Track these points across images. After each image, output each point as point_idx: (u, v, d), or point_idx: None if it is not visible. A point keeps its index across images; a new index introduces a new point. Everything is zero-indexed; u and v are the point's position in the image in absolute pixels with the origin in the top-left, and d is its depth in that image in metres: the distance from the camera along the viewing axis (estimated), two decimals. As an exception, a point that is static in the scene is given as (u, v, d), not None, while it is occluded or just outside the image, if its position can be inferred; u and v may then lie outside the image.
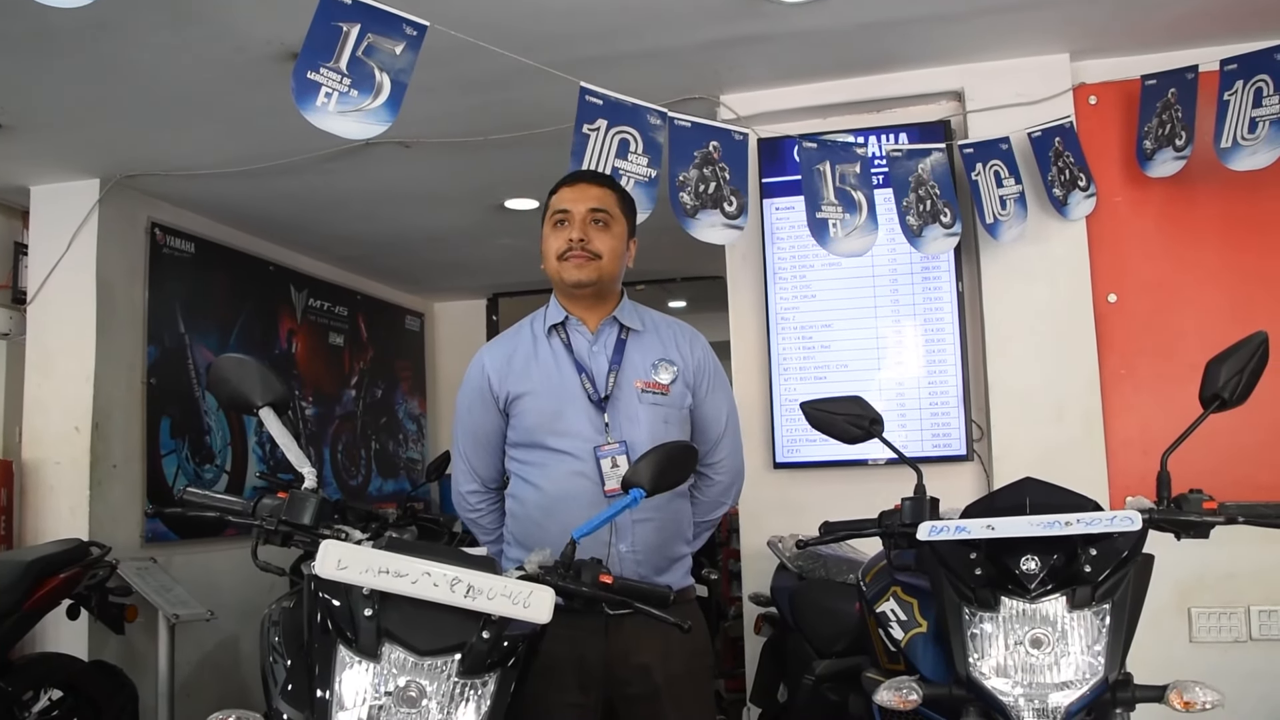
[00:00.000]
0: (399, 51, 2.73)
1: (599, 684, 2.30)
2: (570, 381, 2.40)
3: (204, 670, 5.02)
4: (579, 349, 2.43)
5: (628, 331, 2.46)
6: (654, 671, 2.31)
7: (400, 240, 5.97)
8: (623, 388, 2.39)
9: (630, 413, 2.38)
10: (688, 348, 2.49)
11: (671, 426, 2.40)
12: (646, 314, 2.54)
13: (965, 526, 1.90)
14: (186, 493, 1.92)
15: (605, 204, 2.43)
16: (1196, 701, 1.83)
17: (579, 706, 2.29)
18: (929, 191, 3.52)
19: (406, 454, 7.22)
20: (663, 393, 2.41)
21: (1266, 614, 3.40)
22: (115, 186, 4.64)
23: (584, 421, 2.37)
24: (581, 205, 2.41)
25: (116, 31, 3.24)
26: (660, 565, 2.39)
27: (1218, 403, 1.97)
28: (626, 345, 2.44)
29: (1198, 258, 3.60)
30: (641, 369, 2.42)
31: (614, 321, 2.46)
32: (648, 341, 2.47)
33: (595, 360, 2.42)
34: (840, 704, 2.69)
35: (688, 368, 2.46)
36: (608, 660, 2.30)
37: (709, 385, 2.50)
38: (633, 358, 2.43)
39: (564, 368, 2.42)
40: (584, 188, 2.45)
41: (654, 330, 2.50)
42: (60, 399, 4.57)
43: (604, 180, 2.55)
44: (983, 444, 3.65)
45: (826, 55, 3.61)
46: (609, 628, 2.29)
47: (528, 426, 2.41)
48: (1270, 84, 3.29)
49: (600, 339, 2.44)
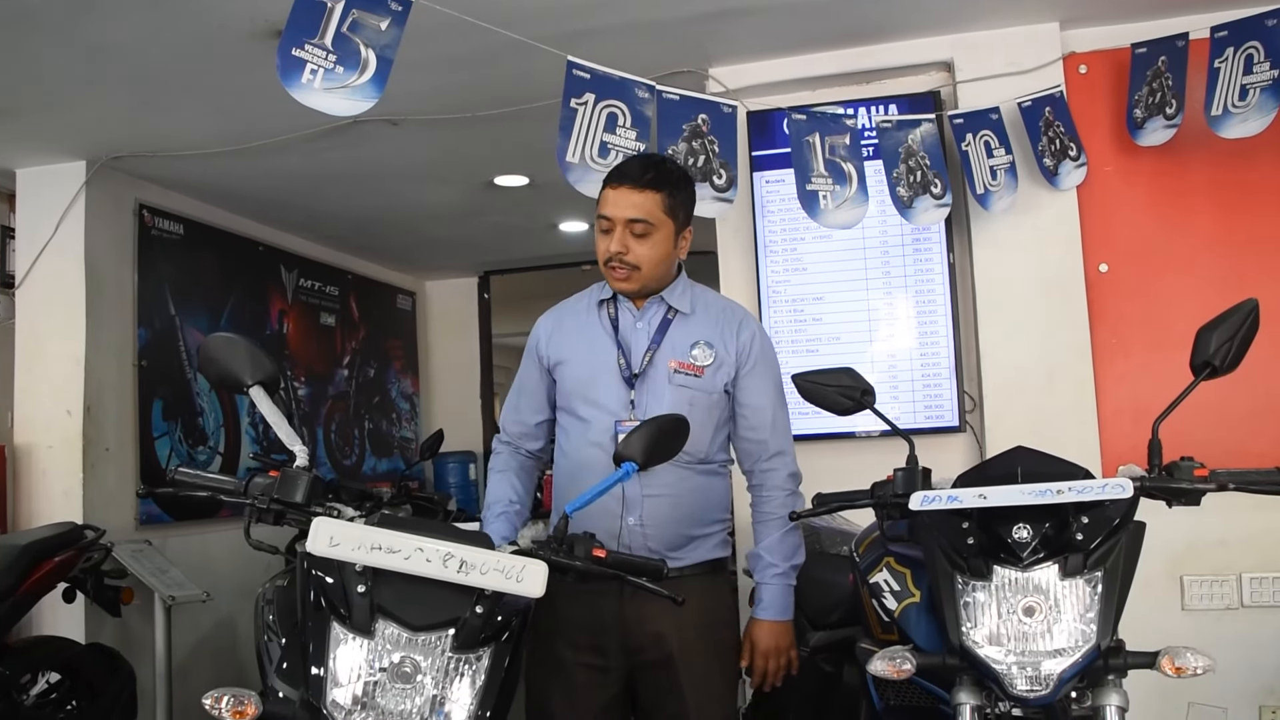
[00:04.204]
0: (384, 27, 2.72)
1: (616, 649, 2.33)
2: (607, 354, 2.43)
3: (201, 651, 5.03)
4: (623, 325, 2.46)
5: (675, 312, 2.46)
6: (668, 639, 2.32)
7: (390, 218, 5.94)
8: (656, 367, 2.41)
9: (657, 392, 2.39)
10: (734, 333, 2.46)
11: (697, 409, 2.38)
12: (700, 296, 2.52)
13: (957, 496, 1.90)
14: (178, 473, 1.93)
15: (644, 213, 2.37)
16: (1188, 667, 1.84)
17: (592, 667, 2.34)
18: (919, 163, 3.51)
19: (400, 433, 7.21)
20: (695, 374, 2.41)
21: (1258, 581, 3.41)
22: (102, 168, 4.60)
23: (613, 395, 2.40)
24: (621, 214, 2.37)
25: (98, 11, 3.20)
26: (674, 542, 2.38)
27: (1208, 370, 1.97)
28: (671, 326, 2.45)
29: (1189, 226, 3.59)
30: (680, 350, 2.42)
31: (661, 301, 2.46)
32: (694, 324, 2.46)
33: (636, 337, 2.45)
34: (835, 675, 2.70)
35: (729, 352, 2.44)
36: (622, 625, 2.33)
37: (751, 368, 2.46)
38: (674, 338, 2.43)
39: (604, 341, 2.45)
40: (625, 192, 2.37)
41: (704, 312, 2.49)
42: (51, 383, 4.55)
43: (647, 182, 2.39)
44: (975, 415, 3.65)
45: (815, 26, 3.59)
46: (624, 593, 2.30)
47: (566, 391, 2.48)
48: (1261, 51, 3.27)
49: (645, 316, 2.46)
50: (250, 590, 2.62)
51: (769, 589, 2.43)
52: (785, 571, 2.43)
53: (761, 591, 2.44)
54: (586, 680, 2.33)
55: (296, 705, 1.68)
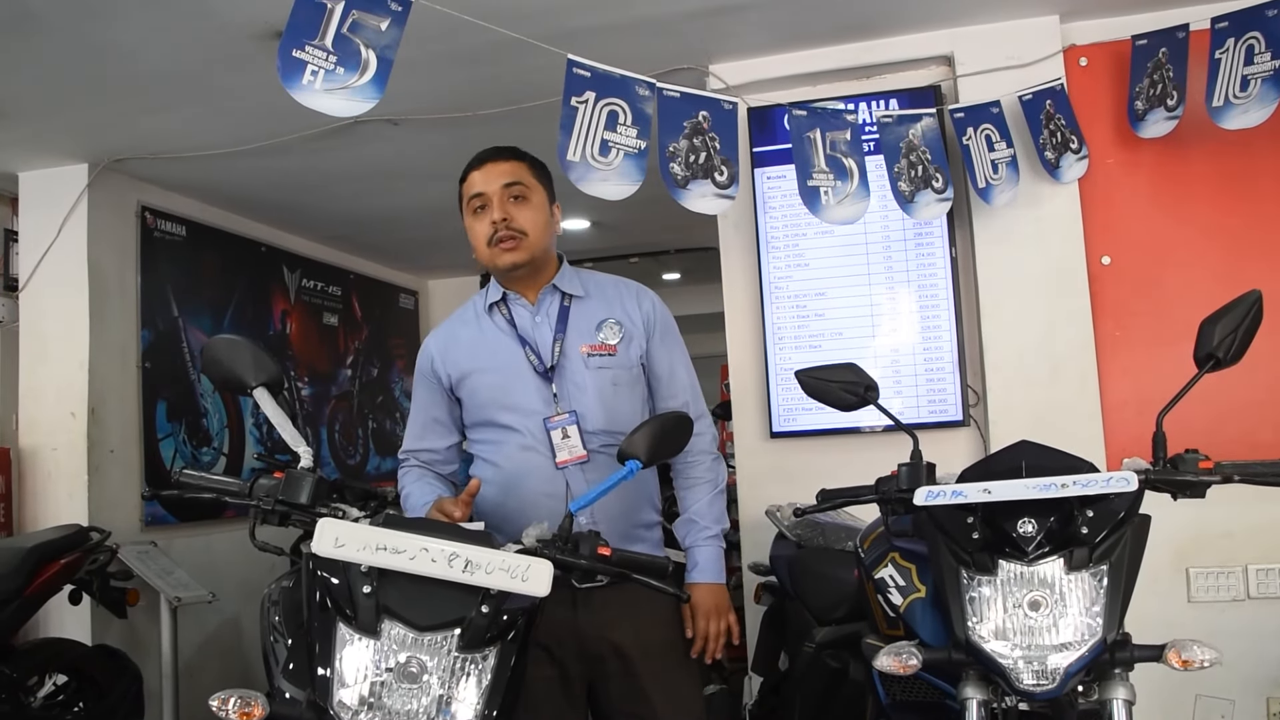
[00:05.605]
0: (384, 27, 2.71)
1: (573, 659, 2.29)
2: (514, 356, 2.38)
3: (207, 652, 5.04)
4: (521, 322, 2.42)
5: (570, 298, 2.42)
6: (627, 647, 2.29)
7: (392, 218, 5.94)
8: (569, 356, 2.37)
9: (578, 380, 2.36)
10: (634, 304, 2.45)
11: (621, 388, 2.37)
12: (590, 278, 2.50)
13: (962, 491, 1.90)
14: (183, 474, 1.93)
15: (517, 176, 2.39)
16: (1194, 660, 1.84)
17: (550, 679, 2.28)
18: (920, 157, 3.50)
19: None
20: (609, 353, 2.38)
21: (1264, 572, 3.41)
22: (104, 171, 4.61)
23: (532, 394, 2.35)
24: (495, 183, 2.38)
25: (99, 13, 3.21)
26: (628, 533, 2.36)
27: (1212, 362, 1.96)
28: (570, 312, 2.41)
29: (1191, 218, 3.59)
30: (587, 333, 2.39)
31: (554, 290, 2.43)
32: (592, 305, 2.43)
33: (539, 331, 2.40)
34: (841, 670, 2.70)
35: (635, 324, 2.42)
36: (578, 635, 2.28)
37: (659, 336, 2.45)
38: (577, 324, 2.40)
39: (507, 343, 2.40)
40: (492, 166, 2.42)
41: (599, 293, 2.46)
42: (55, 385, 4.56)
43: (509, 153, 2.47)
44: (978, 409, 3.65)
45: (815, 21, 3.59)
46: (577, 600, 2.28)
47: (479, 404, 2.41)
48: (1262, 41, 3.26)
49: (541, 309, 2.42)
50: (256, 591, 2.63)
51: (703, 551, 2.40)
52: (717, 535, 2.42)
53: (696, 555, 2.40)
54: (545, 692, 2.28)
55: (303, 706, 1.68)
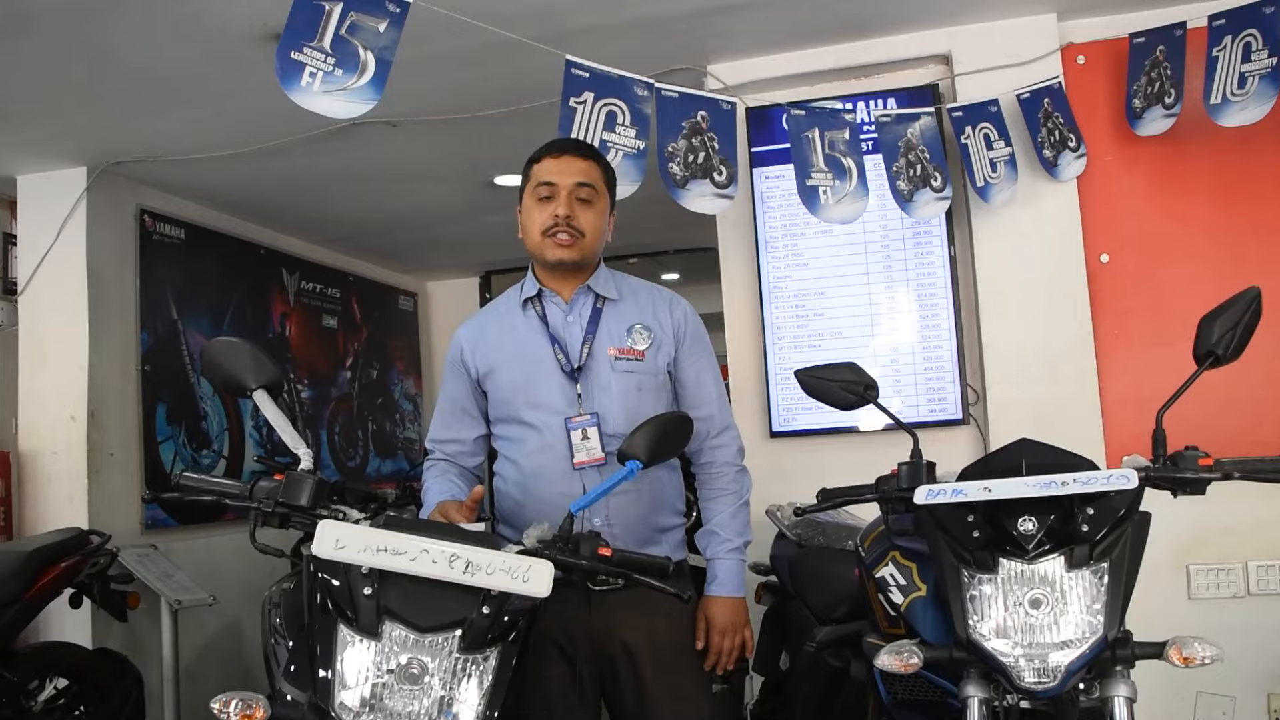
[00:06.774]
0: (382, 29, 2.71)
1: (585, 659, 2.29)
2: (543, 353, 2.37)
3: (208, 654, 5.04)
4: (553, 320, 2.40)
5: (603, 300, 2.41)
6: (638, 647, 2.29)
7: (391, 220, 5.94)
8: (596, 357, 2.36)
9: (603, 382, 2.34)
10: (666, 312, 2.44)
11: (645, 394, 2.36)
12: (624, 281, 2.49)
13: (962, 489, 1.90)
14: (183, 477, 1.92)
15: (591, 177, 2.37)
16: (1195, 657, 1.84)
17: (564, 678, 2.28)
18: (919, 156, 3.50)
19: (404, 434, 7.22)
20: (637, 359, 2.37)
21: (1264, 569, 3.41)
22: (102, 174, 4.61)
23: (556, 393, 2.34)
24: (569, 179, 2.34)
25: (96, 15, 3.21)
26: (644, 537, 2.34)
27: (1211, 359, 1.96)
28: (602, 314, 2.40)
29: (1189, 215, 3.59)
30: (617, 336, 2.38)
31: (588, 290, 2.41)
32: (625, 309, 2.42)
33: (569, 330, 2.39)
34: (842, 669, 2.70)
35: (665, 331, 2.41)
36: (591, 635, 2.29)
37: (688, 345, 2.43)
38: (608, 326, 2.39)
39: (537, 339, 2.39)
40: (570, 160, 2.37)
41: (632, 297, 2.45)
42: (55, 388, 4.56)
43: (589, 152, 2.44)
44: (978, 407, 3.65)
45: (813, 21, 3.59)
46: (592, 601, 2.28)
47: (503, 399, 2.40)
48: (1259, 38, 3.27)
49: (575, 309, 2.40)
50: (256, 593, 2.62)
51: (723, 565, 2.38)
52: (739, 547, 2.40)
53: (716, 568, 2.39)
54: (558, 690, 2.27)
55: (304, 708, 1.68)
